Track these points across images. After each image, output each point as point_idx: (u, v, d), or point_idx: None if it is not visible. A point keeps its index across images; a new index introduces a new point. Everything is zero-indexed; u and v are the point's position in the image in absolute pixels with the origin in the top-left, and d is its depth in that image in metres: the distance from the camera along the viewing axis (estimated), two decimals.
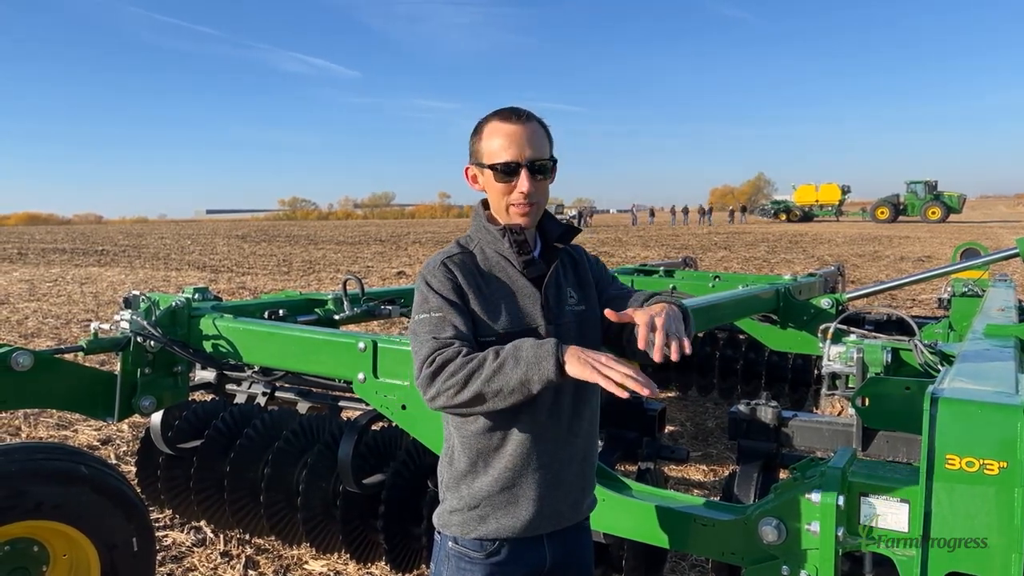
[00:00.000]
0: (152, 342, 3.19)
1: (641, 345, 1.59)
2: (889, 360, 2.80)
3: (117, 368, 3.20)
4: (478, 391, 1.59)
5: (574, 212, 59.46)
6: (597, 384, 1.83)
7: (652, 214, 64.42)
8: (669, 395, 6.57)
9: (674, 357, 1.57)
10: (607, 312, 1.68)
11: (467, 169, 1.86)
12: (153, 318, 3.24)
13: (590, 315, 1.90)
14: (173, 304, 3.33)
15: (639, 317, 1.62)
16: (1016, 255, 4.62)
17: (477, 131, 1.81)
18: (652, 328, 1.58)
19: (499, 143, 1.75)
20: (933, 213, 50.74)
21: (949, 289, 5.17)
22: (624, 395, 1.48)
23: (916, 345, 2.78)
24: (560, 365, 1.54)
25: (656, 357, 1.57)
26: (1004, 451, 1.66)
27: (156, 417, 3.57)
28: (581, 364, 1.52)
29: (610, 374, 1.48)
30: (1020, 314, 3.86)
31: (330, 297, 4.33)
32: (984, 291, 4.76)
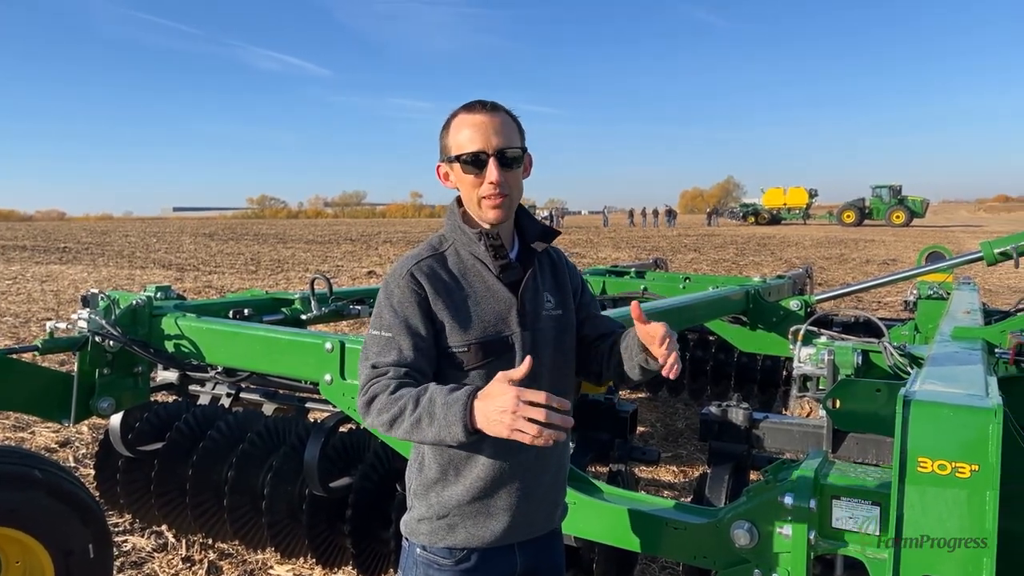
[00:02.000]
0: (111, 342, 3.10)
1: (663, 359, 1.61)
2: (859, 362, 2.82)
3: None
4: (405, 436, 1.58)
5: (546, 213, 59.63)
6: (571, 391, 1.80)
7: (632, 216, 64.54)
8: (640, 396, 6.58)
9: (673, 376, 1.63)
10: (633, 309, 1.63)
11: (439, 167, 1.81)
12: (113, 317, 3.15)
13: (567, 320, 1.86)
14: (134, 303, 3.24)
15: (658, 330, 1.60)
16: (980, 259, 4.69)
17: (445, 126, 1.77)
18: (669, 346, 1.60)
19: (466, 135, 1.70)
20: (897, 217, 51.72)
21: (915, 292, 5.24)
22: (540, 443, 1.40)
23: (886, 347, 2.80)
24: (469, 430, 1.47)
25: (673, 374, 1.62)
26: (976, 454, 1.66)
27: (115, 419, 3.48)
28: (493, 425, 1.43)
29: (524, 430, 1.39)
30: (985, 316, 3.91)
31: (297, 297, 4.25)
32: (949, 294, 4.83)
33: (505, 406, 1.41)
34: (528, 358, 1.48)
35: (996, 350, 2.72)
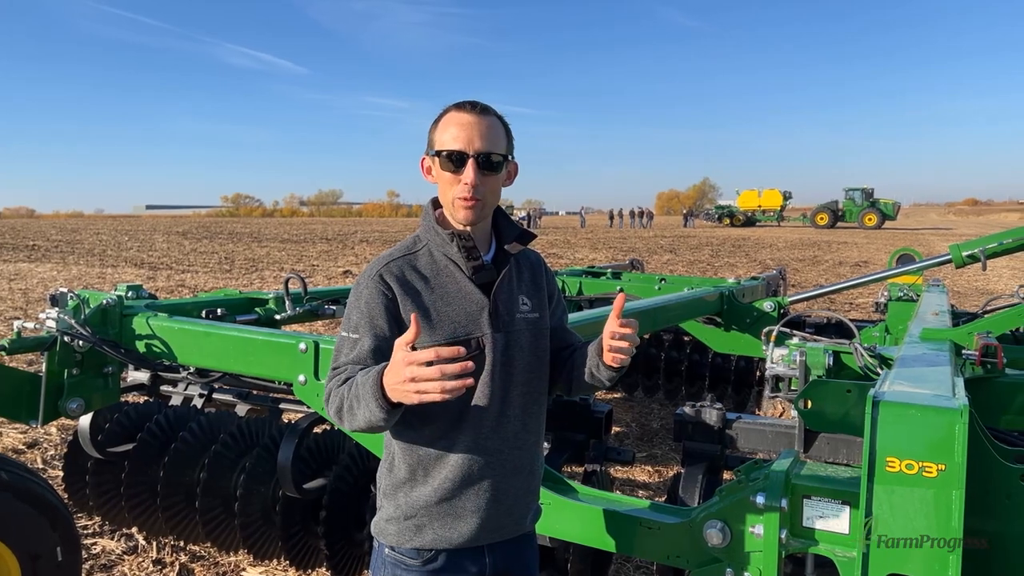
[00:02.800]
0: (80, 342, 3.04)
1: (609, 346, 1.68)
2: (831, 363, 2.85)
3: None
4: (352, 428, 1.61)
5: (524, 214, 59.61)
6: (545, 395, 1.81)
7: (612, 218, 64.62)
8: (615, 396, 6.60)
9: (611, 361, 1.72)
10: (619, 299, 1.71)
11: (423, 160, 1.81)
12: (82, 316, 3.10)
13: (543, 324, 1.87)
14: (104, 302, 3.19)
15: (626, 327, 1.67)
16: (948, 261, 4.77)
17: (436, 121, 1.77)
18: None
19: (452, 132, 1.71)
20: (870, 219, 52.45)
21: (886, 293, 5.32)
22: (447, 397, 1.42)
23: (856, 348, 2.83)
24: (384, 406, 1.49)
25: (612, 360, 1.70)
26: (942, 453, 1.69)
27: (85, 420, 3.43)
28: (401, 396, 1.45)
29: (426, 390, 1.41)
30: (953, 318, 3.98)
31: (271, 296, 4.21)
32: (919, 296, 4.91)
33: (400, 376, 1.43)
34: (414, 317, 1.48)
35: (963, 351, 2.77)
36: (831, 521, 1.91)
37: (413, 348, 1.47)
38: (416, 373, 1.41)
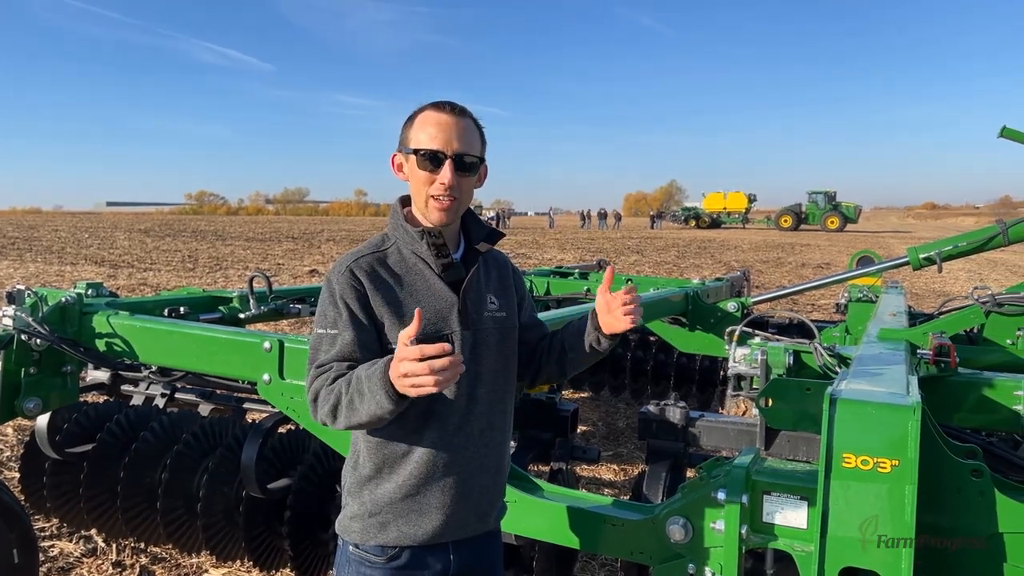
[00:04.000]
0: (38, 340, 2.99)
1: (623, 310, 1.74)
2: (791, 362, 2.90)
3: None
4: (348, 423, 1.60)
5: (493, 214, 59.56)
6: (511, 393, 1.83)
7: (598, 216, 64.56)
8: (582, 395, 6.64)
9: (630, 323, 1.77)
10: (608, 272, 1.79)
11: (394, 156, 1.81)
12: (40, 315, 3.04)
13: (511, 323, 1.88)
14: (63, 300, 3.13)
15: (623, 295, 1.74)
16: (906, 263, 4.88)
17: (410, 119, 1.77)
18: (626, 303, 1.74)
19: (429, 132, 1.71)
20: (832, 222, 53.40)
21: (846, 295, 5.44)
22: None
23: (816, 348, 2.89)
24: (392, 396, 1.49)
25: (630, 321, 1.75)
26: (896, 449, 1.73)
27: (42, 420, 3.36)
28: (402, 390, 1.47)
29: (421, 384, 1.42)
30: (910, 319, 4.08)
31: (235, 295, 4.17)
32: (878, 297, 5.02)
33: (397, 371, 1.45)
34: (418, 312, 1.49)
35: (918, 351, 2.84)
36: (790, 516, 1.94)
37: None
38: (408, 368, 1.42)
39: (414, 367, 1.41)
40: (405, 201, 1.84)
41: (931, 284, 17.43)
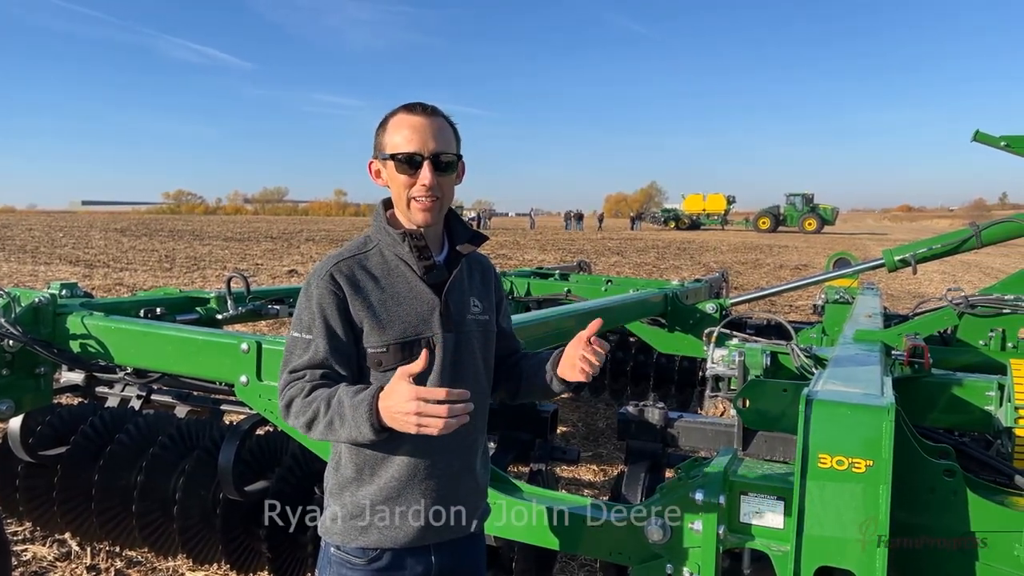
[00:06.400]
0: (11, 341, 2.94)
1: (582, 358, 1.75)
2: (768, 363, 2.92)
3: None
4: (322, 437, 1.63)
5: (473, 215, 59.43)
6: (490, 396, 1.84)
7: (574, 218, 64.61)
8: (562, 396, 6.65)
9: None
10: (593, 325, 1.78)
11: (371, 163, 1.81)
12: (13, 315, 2.99)
13: (492, 326, 1.89)
14: (36, 300, 3.09)
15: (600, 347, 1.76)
16: (882, 265, 4.95)
17: (383, 124, 1.77)
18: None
19: (404, 135, 1.71)
20: (810, 224, 53.94)
21: (823, 296, 5.49)
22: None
23: (793, 349, 2.92)
24: (377, 428, 1.53)
25: (581, 375, 1.77)
26: (870, 450, 1.76)
27: (15, 422, 3.30)
28: (399, 424, 1.50)
29: (428, 425, 1.47)
30: (885, 320, 4.13)
31: (213, 295, 4.13)
32: (854, 298, 5.07)
33: (407, 408, 1.47)
34: (424, 353, 1.52)
35: (893, 352, 2.87)
36: (767, 517, 1.96)
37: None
38: (423, 408, 1.45)
39: (430, 408, 1.45)
40: (388, 204, 1.83)
41: (906, 286, 17.65)
